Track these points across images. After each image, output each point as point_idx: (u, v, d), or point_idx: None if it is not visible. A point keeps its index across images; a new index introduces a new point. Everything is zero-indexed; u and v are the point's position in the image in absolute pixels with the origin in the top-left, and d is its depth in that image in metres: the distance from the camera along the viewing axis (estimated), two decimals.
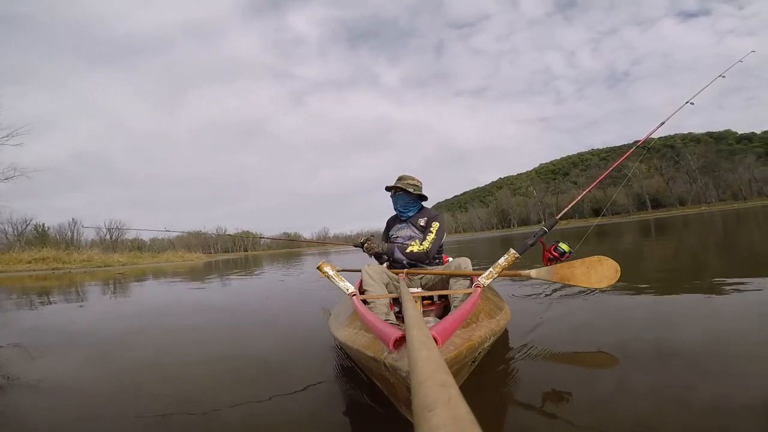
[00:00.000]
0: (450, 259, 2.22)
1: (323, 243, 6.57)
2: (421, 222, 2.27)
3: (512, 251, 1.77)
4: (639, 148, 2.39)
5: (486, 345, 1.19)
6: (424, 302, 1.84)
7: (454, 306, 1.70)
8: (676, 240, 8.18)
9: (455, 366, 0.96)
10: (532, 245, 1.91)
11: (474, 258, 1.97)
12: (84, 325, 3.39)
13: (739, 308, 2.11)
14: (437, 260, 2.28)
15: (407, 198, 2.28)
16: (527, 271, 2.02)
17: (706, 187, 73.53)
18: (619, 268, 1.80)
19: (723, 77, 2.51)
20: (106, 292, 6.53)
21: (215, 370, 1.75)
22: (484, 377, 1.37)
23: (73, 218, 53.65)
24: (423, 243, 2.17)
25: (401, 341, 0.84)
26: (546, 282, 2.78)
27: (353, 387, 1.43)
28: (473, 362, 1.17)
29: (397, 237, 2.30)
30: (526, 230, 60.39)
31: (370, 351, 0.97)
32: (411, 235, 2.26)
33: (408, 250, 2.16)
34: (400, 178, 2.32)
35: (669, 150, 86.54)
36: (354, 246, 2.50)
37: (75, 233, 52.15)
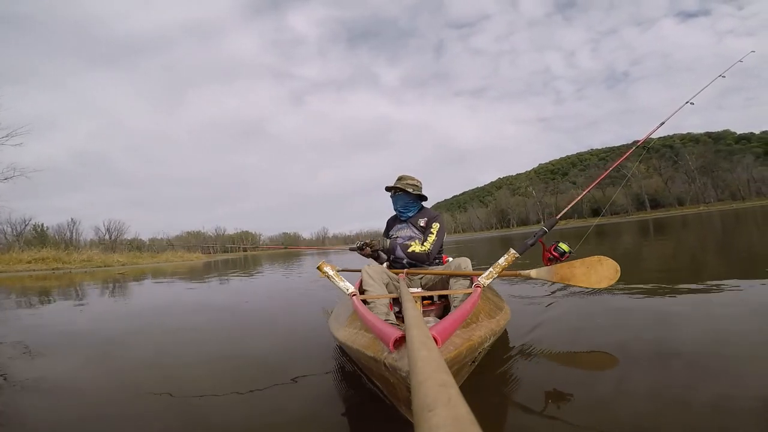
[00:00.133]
0: (450, 259, 2.22)
1: (322, 248, 6.59)
2: (421, 222, 2.27)
3: (512, 251, 1.77)
4: (639, 149, 2.38)
5: (486, 345, 1.19)
6: (424, 302, 1.84)
7: (454, 306, 1.70)
8: (675, 240, 8.19)
9: (455, 366, 0.96)
10: (532, 245, 1.91)
11: (473, 258, 1.97)
12: (84, 325, 3.38)
13: (739, 308, 2.11)
14: (437, 260, 2.28)
15: (407, 198, 2.28)
16: (527, 271, 2.02)
17: (705, 187, 73.60)
18: (619, 268, 1.81)
19: (723, 77, 2.50)
20: (107, 292, 6.52)
21: (215, 370, 1.75)
22: (484, 377, 1.37)
23: (72, 218, 53.56)
24: (424, 244, 2.17)
25: (401, 341, 0.84)
26: (546, 282, 2.78)
27: (353, 387, 1.43)
28: (473, 362, 1.17)
29: (397, 237, 2.30)
30: (525, 230, 60.38)
31: (370, 351, 0.97)
32: (411, 235, 2.26)
33: (410, 250, 2.16)
34: (400, 179, 2.32)
35: (668, 150, 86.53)
36: (350, 250, 2.50)
37: (74, 233, 52.07)
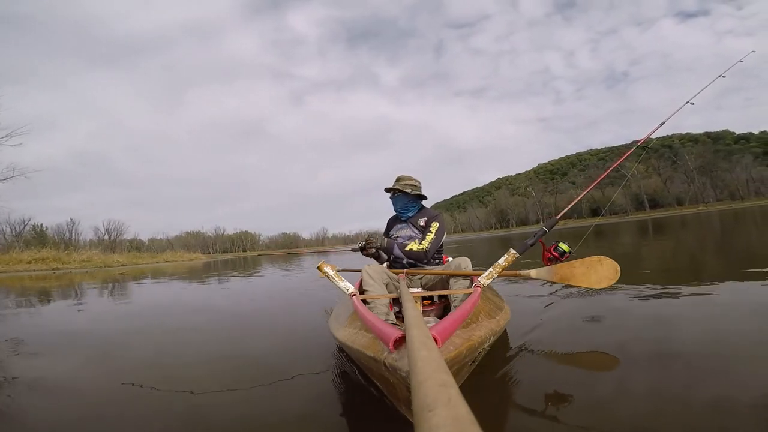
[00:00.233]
0: (450, 259, 2.22)
1: (323, 250, 6.57)
2: (421, 222, 2.28)
3: (512, 251, 1.77)
4: (638, 149, 2.37)
5: (486, 345, 1.19)
6: (424, 302, 1.84)
7: (454, 306, 1.70)
8: (674, 240, 8.20)
9: (455, 366, 0.96)
10: (532, 245, 1.91)
11: (473, 258, 1.97)
12: (84, 325, 3.38)
13: (739, 308, 2.11)
14: (437, 260, 2.28)
15: (405, 199, 2.29)
16: (527, 271, 2.01)
17: (704, 187, 73.70)
18: (619, 269, 1.79)
19: (723, 77, 2.49)
20: (107, 293, 6.51)
21: (215, 370, 1.75)
22: (484, 377, 1.37)
23: (72, 218, 53.50)
24: (422, 242, 2.17)
25: (401, 341, 0.84)
26: (546, 282, 2.78)
27: (353, 387, 1.43)
28: (473, 362, 1.17)
29: (397, 237, 2.31)
30: (525, 230, 60.42)
31: (370, 351, 0.97)
32: (411, 235, 2.27)
33: (407, 249, 2.16)
34: (398, 179, 2.33)
35: (667, 150, 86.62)
36: (353, 250, 2.50)
37: (73, 233, 51.99)
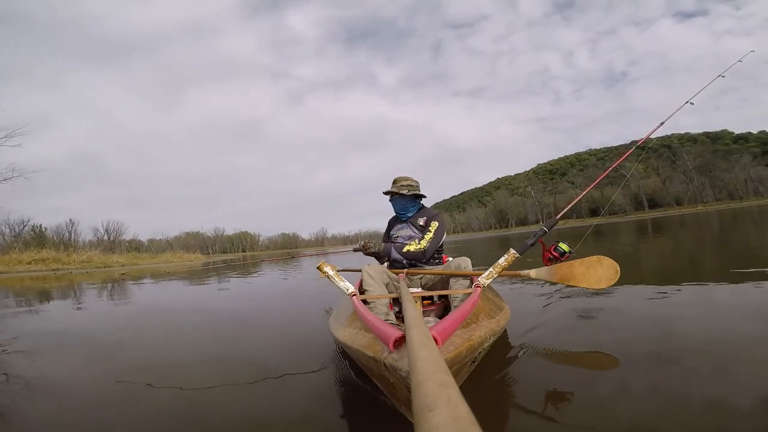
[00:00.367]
0: (450, 259, 2.22)
1: (324, 252, 6.57)
2: (420, 222, 2.28)
3: (512, 251, 1.76)
4: (638, 149, 2.37)
5: (486, 345, 1.19)
6: (424, 302, 1.84)
7: (454, 306, 1.70)
8: (674, 240, 8.21)
9: (455, 366, 0.96)
10: (532, 245, 1.91)
11: (472, 258, 1.99)
12: (84, 326, 3.38)
13: (738, 308, 2.11)
14: (437, 260, 2.28)
15: (403, 200, 2.30)
16: (527, 271, 2.01)
17: (703, 187, 73.84)
18: (619, 269, 1.78)
19: (723, 77, 2.48)
20: (107, 293, 6.50)
21: (215, 370, 1.75)
22: (484, 377, 1.36)
23: (71, 219, 53.35)
24: (421, 242, 2.17)
25: (401, 341, 0.84)
26: (546, 282, 2.78)
27: (353, 387, 1.42)
28: (473, 362, 1.17)
29: (398, 237, 2.32)
30: (524, 230, 60.46)
31: (370, 351, 0.97)
32: (411, 235, 2.28)
33: (405, 250, 2.16)
34: (395, 181, 2.34)
35: (666, 150, 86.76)
36: (354, 250, 2.50)
37: (72, 234, 51.87)
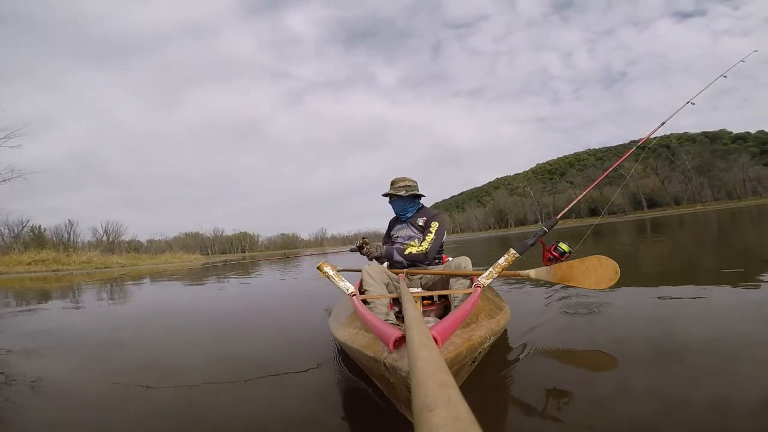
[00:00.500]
0: (450, 259, 2.21)
1: (322, 253, 6.56)
2: (420, 222, 2.28)
3: (512, 251, 1.76)
4: (638, 149, 2.35)
5: (486, 345, 1.18)
6: (424, 302, 1.84)
7: (454, 306, 1.70)
8: (673, 240, 8.22)
9: (455, 366, 0.96)
10: (532, 245, 1.90)
11: (471, 258, 2.00)
12: (85, 326, 3.38)
13: (738, 308, 2.11)
14: (437, 260, 2.28)
15: (402, 202, 2.31)
16: (527, 272, 2.01)
17: (701, 187, 74.00)
18: (619, 269, 1.76)
19: (725, 77, 2.46)
20: (107, 294, 6.49)
21: (215, 370, 1.74)
22: (484, 377, 1.36)
23: (70, 220, 53.28)
24: (422, 244, 2.17)
25: (401, 341, 0.84)
26: (546, 282, 2.77)
27: (353, 386, 1.42)
28: (473, 362, 1.17)
29: (398, 237, 2.33)
30: (523, 230, 60.49)
31: (370, 351, 0.97)
32: (410, 235, 2.28)
33: (407, 252, 2.16)
34: (393, 183, 2.34)
35: (665, 150, 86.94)
36: (351, 251, 2.49)
37: (72, 235, 51.79)
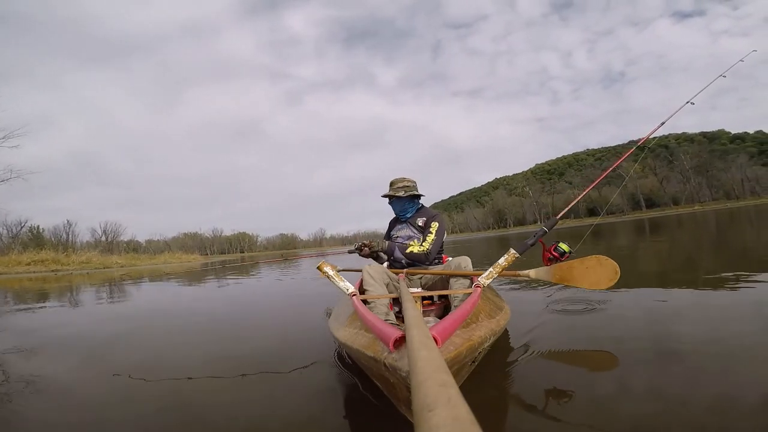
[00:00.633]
0: (450, 259, 2.21)
1: (321, 254, 6.54)
2: (420, 222, 2.28)
3: (512, 251, 1.76)
4: (638, 149, 2.34)
5: (486, 345, 1.18)
6: (424, 302, 1.84)
7: (454, 306, 1.69)
8: (671, 240, 8.24)
9: (455, 366, 0.96)
10: (532, 245, 1.90)
11: (470, 258, 2.01)
12: (85, 326, 3.37)
13: (737, 308, 2.12)
14: (437, 260, 2.28)
15: (401, 202, 2.31)
16: (526, 272, 2.01)
17: (700, 187, 74.24)
18: (619, 269, 1.76)
19: (724, 77, 2.45)
20: (107, 294, 6.47)
21: (214, 371, 1.74)
22: (484, 377, 1.36)
23: (68, 220, 53.15)
24: (423, 244, 2.17)
25: (401, 341, 0.84)
26: (546, 282, 2.77)
27: (353, 387, 1.42)
28: (473, 362, 1.17)
29: (398, 237, 2.33)
30: (522, 230, 60.58)
31: (370, 351, 0.97)
32: (410, 235, 2.28)
33: (408, 250, 2.16)
34: (392, 184, 2.34)
35: (663, 150, 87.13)
36: (349, 252, 2.48)
37: (70, 235, 51.66)
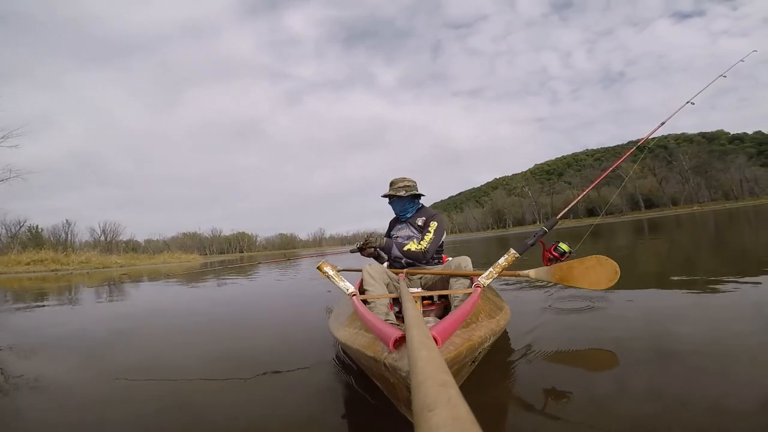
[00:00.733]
0: (450, 259, 2.21)
1: (322, 253, 6.52)
2: (419, 222, 2.28)
3: (512, 251, 1.75)
4: (638, 149, 2.33)
5: (486, 345, 1.18)
6: (424, 302, 1.83)
7: (454, 306, 1.69)
8: (671, 240, 8.25)
9: (455, 366, 0.96)
10: (533, 245, 1.89)
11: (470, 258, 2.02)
12: (85, 326, 3.37)
13: (737, 308, 2.12)
14: (437, 260, 2.28)
15: (401, 202, 2.31)
16: (526, 272, 2.00)
17: (699, 187, 74.41)
18: (619, 269, 1.75)
19: (724, 77, 2.44)
20: (107, 294, 6.46)
21: (214, 371, 1.74)
22: (484, 377, 1.36)
23: (67, 220, 53.05)
24: (421, 242, 2.17)
25: (401, 341, 0.84)
26: (546, 282, 2.76)
27: (353, 388, 1.42)
28: (473, 362, 1.17)
29: (397, 237, 2.33)
30: (522, 230, 60.62)
31: (370, 351, 0.96)
32: (410, 235, 2.28)
33: (406, 248, 2.16)
34: (392, 183, 2.34)
35: (662, 150, 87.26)
36: (351, 252, 2.48)
37: (69, 235, 51.56)
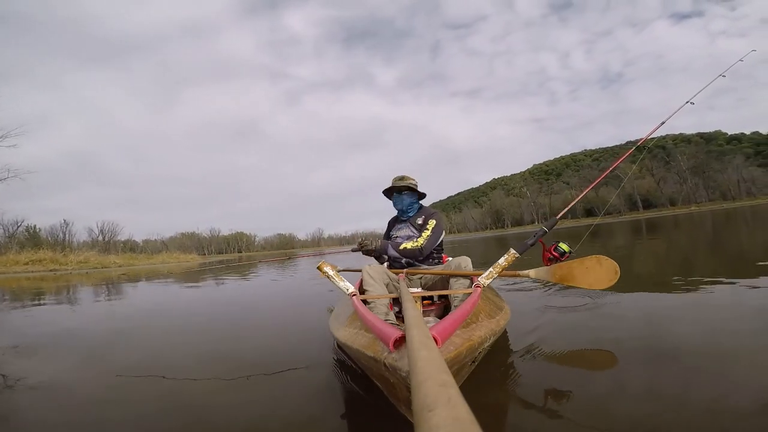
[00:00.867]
0: (450, 259, 2.20)
1: (322, 253, 6.52)
2: (419, 221, 2.27)
3: (512, 251, 1.75)
4: (637, 149, 2.33)
5: (486, 345, 1.18)
6: (424, 302, 1.83)
7: (454, 306, 1.69)
8: (669, 241, 8.28)
9: (455, 366, 0.96)
10: (532, 245, 1.89)
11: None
12: (84, 326, 3.35)
13: (735, 308, 2.13)
14: (437, 260, 2.27)
15: (411, 198, 2.29)
16: (526, 272, 2.00)
17: (696, 188, 74.68)
18: (619, 269, 1.76)
19: (723, 77, 2.44)
20: (106, 294, 6.44)
21: (214, 371, 1.73)
22: (484, 377, 1.36)
23: (65, 219, 52.78)
24: (418, 240, 2.16)
25: (401, 341, 0.84)
26: (546, 282, 2.77)
27: (353, 388, 1.42)
28: (473, 362, 1.17)
29: (397, 237, 2.32)
30: (520, 230, 60.70)
31: (370, 351, 0.96)
32: (409, 235, 2.27)
33: (402, 247, 2.15)
34: (402, 178, 2.30)
35: (660, 151, 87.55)
36: (352, 251, 2.48)
37: (67, 235, 51.31)
